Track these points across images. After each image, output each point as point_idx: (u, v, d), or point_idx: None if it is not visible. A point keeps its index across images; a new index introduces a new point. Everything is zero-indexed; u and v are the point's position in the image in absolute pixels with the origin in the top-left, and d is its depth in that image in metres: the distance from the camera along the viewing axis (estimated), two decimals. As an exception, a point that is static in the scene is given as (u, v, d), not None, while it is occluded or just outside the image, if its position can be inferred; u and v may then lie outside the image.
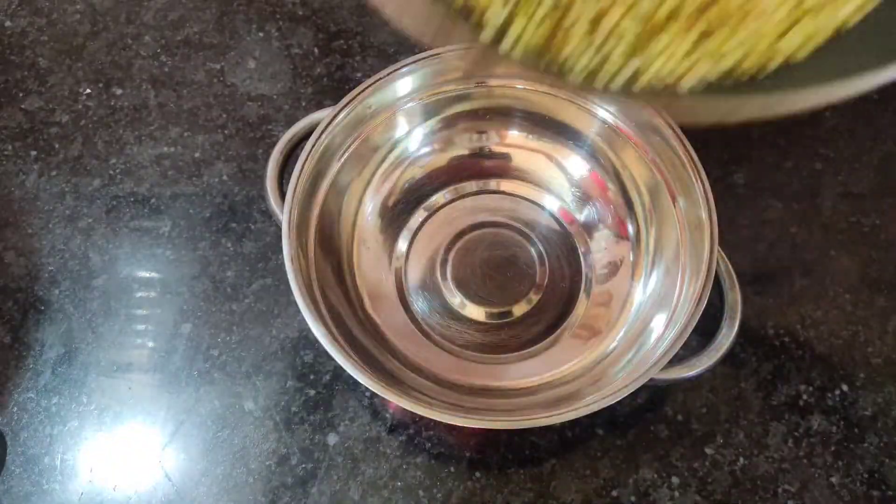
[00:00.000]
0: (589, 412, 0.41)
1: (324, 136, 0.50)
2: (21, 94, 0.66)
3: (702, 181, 0.48)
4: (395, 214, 0.58)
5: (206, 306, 0.56)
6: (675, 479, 0.50)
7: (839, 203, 0.61)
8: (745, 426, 0.52)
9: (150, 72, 0.67)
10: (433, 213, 0.58)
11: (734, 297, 0.45)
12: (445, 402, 0.47)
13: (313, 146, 0.50)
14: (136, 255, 0.58)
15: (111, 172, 0.62)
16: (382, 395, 0.41)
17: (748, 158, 0.62)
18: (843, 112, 0.65)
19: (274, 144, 0.63)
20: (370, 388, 0.41)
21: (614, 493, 0.49)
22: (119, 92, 0.66)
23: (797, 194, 0.61)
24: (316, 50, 0.68)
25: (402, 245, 0.57)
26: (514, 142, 0.58)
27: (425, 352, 0.52)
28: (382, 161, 0.57)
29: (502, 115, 0.57)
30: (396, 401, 0.41)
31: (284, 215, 0.47)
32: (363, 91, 0.51)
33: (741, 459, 0.51)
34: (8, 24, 0.70)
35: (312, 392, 0.53)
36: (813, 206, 0.60)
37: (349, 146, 0.53)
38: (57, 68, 0.67)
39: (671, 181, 0.51)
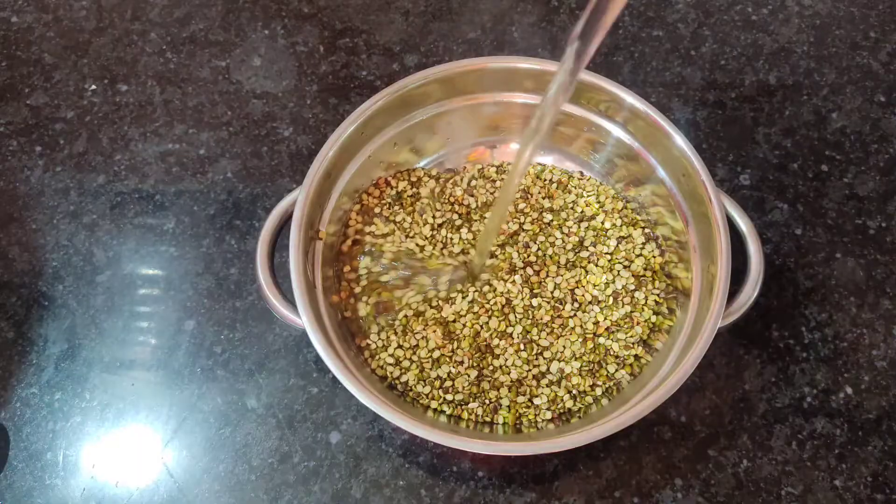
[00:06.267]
0: (601, 437, 0.42)
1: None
2: (26, 90, 0.66)
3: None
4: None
5: (209, 303, 0.56)
6: (678, 481, 0.50)
7: (845, 205, 0.60)
8: (748, 428, 0.51)
9: (155, 68, 0.67)
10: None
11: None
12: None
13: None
14: (140, 251, 0.58)
15: (116, 169, 0.62)
16: (379, 413, 0.42)
17: (754, 160, 0.62)
18: (850, 114, 0.65)
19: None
20: (369, 406, 0.42)
21: (617, 494, 0.49)
22: (124, 88, 0.66)
23: (803, 196, 0.61)
24: (321, 48, 0.68)
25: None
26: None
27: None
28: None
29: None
30: (395, 420, 0.41)
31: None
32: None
33: (744, 461, 0.50)
34: (14, 19, 0.70)
35: (315, 390, 0.52)
36: (818, 208, 0.60)
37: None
38: (62, 64, 0.67)
39: (681, 203, 0.52)
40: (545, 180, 0.57)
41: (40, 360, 0.54)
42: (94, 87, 0.66)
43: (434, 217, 0.55)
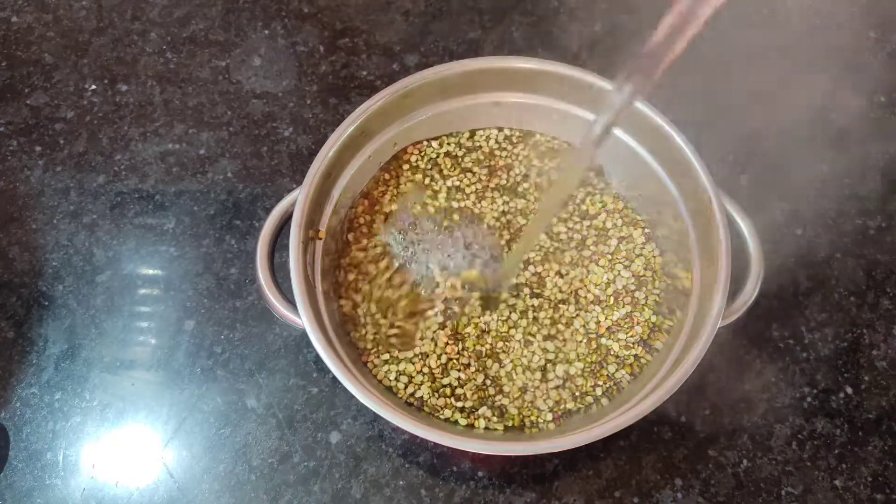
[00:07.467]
0: (601, 437, 0.41)
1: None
2: (27, 90, 0.66)
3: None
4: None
5: (209, 303, 0.56)
6: (678, 481, 0.50)
7: (845, 205, 0.60)
8: (748, 428, 0.51)
9: (155, 68, 0.67)
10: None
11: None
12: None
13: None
14: (140, 251, 0.58)
15: (116, 169, 0.62)
16: (379, 413, 0.41)
17: (754, 160, 0.62)
18: (850, 115, 0.65)
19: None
20: (369, 406, 0.42)
21: (617, 494, 0.49)
22: (124, 88, 0.66)
23: (803, 196, 0.61)
24: (321, 48, 0.68)
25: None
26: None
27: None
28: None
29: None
30: (395, 420, 0.41)
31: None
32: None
33: (744, 461, 0.50)
34: (14, 19, 0.70)
35: (315, 390, 0.52)
36: (818, 209, 0.60)
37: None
38: (62, 64, 0.67)
39: (681, 203, 0.52)
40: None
41: (40, 360, 0.54)
42: (94, 87, 0.66)
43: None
